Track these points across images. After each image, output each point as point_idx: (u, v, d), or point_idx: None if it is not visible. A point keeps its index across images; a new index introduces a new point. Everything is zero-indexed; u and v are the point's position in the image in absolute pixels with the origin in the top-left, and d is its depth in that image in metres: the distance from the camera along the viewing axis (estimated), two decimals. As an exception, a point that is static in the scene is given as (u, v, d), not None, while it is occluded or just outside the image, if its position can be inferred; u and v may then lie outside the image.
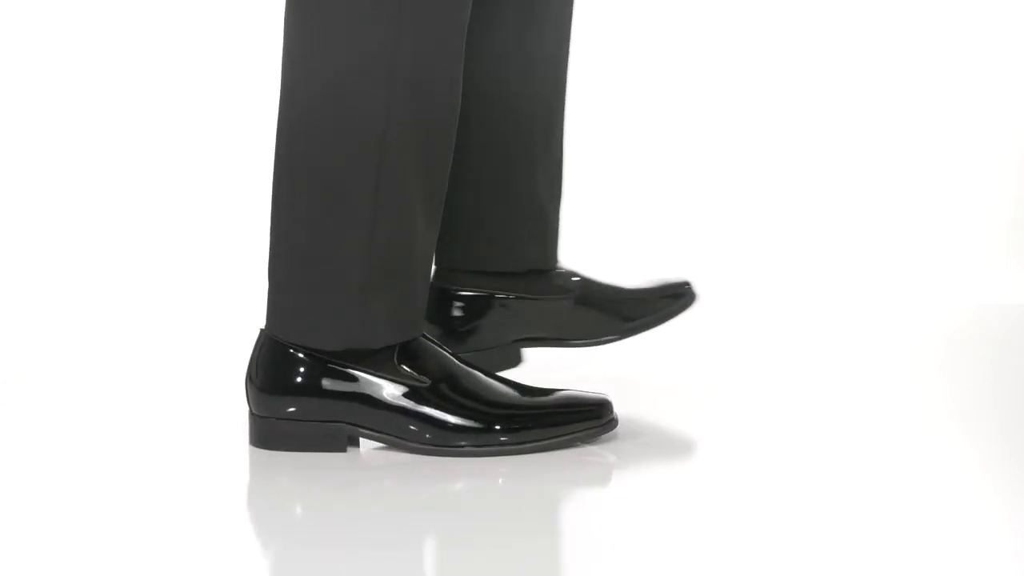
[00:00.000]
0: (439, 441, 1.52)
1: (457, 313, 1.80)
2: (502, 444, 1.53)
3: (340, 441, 1.54)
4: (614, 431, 1.58)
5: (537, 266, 1.81)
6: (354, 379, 1.53)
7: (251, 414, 1.56)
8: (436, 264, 1.80)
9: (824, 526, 1.35)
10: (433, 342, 1.56)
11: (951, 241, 2.78)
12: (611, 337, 1.83)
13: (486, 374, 1.57)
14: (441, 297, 1.80)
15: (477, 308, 1.80)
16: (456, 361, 1.56)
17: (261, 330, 1.56)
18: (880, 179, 2.83)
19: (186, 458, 1.57)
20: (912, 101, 2.85)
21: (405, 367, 1.53)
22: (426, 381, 1.53)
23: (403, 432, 1.53)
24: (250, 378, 1.55)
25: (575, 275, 1.84)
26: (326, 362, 1.53)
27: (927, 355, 2.20)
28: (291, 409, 1.53)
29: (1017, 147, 2.84)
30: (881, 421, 1.73)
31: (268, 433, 1.54)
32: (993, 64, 2.85)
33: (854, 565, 1.24)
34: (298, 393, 1.53)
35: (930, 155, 2.84)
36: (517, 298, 1.80)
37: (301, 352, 1.53)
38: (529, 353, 1.84)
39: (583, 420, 1.56)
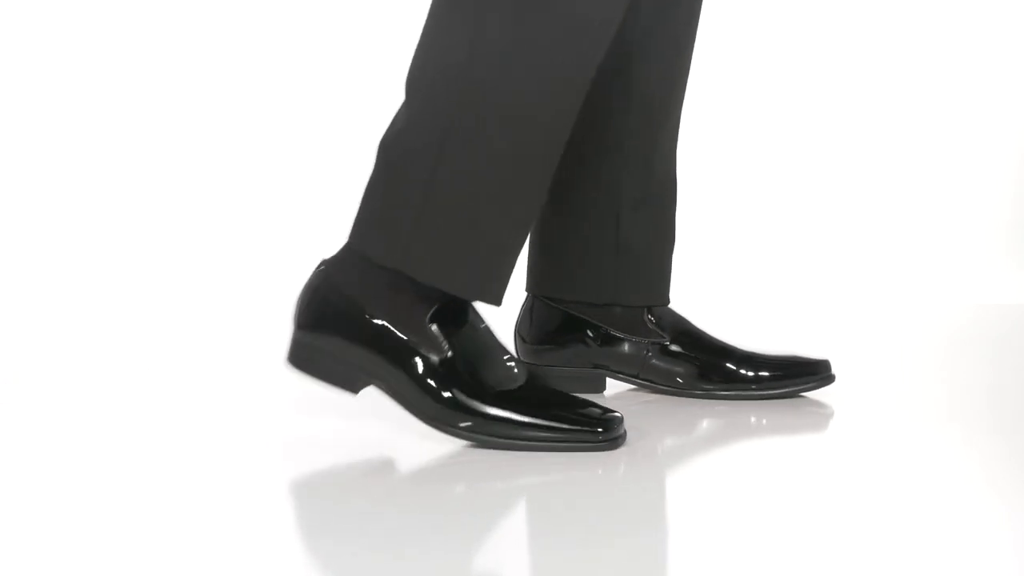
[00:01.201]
0: (438, 416, 1.54)
1: (546, 327, 1.81)
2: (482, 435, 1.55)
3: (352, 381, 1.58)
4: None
5: (618, 301, 1.79)
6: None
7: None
8: (536, 281, 1.82)
9: (824, 526, 1.35)
10: (484, 333, 1.58)
11: (951, 241, 2.78)
12: (697, 393, 1.79)
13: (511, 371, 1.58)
14: (535, 307, 1.82)
15: (565, 327, 1.80)
16: (489, 346, 1.57)
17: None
18: (880, 179, 2.84)
19: (184, 457, 1.57)
20: (912, 101, 2.85)
21: (434, 328, 1.55)
22: (446, 351, 1.54)
23: (408, 396, 1.55)
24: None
25: (676, 324, 1.80)
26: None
27: (927, 355, 2.20)
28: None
29: (1017, 147, 2.84)
30: (881, 421, 1.73)
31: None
32: (993, 64, 2.85)
33: (854, 565, 1.24)
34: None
35: (930, 155, 2.84)
36: (604, 329, 1.80)
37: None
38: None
39: (578, 436, 1.56)
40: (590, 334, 1.80)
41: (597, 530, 1.33)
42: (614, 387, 1.82)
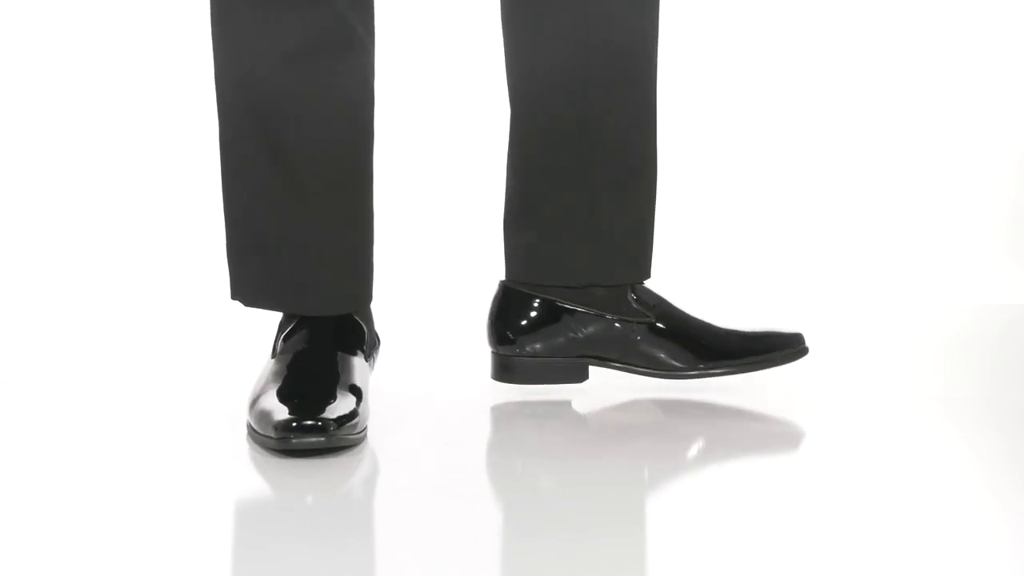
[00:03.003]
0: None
1: (522, 317, 1.78)
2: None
3: None
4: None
5: (596, 281, 1.77)
6: None
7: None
8: (512, 268, 1.80)
9: (823, 526, 1.35)
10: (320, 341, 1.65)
11: (951, 241, 2.78)
12: (681, 373, 1.77)
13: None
14: (509, 296, 1.79)
15: (542, 315, 1.78)
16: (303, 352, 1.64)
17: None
18: (880, 179, 2.84)
19: (181, 458, 1.57)
20: (912, 101, 2.85)
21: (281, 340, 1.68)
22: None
23: None
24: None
25: (658, 303, 1.79)
26: None
27: (927, 355, 2.20)
28: None
29: (1017, 147, 2.84)
30: (880, 420, 1.73)
31: None
32: (993, 64, 2.85)
33: (853, 565, 1.24)
34: None
35: (930, 155, 2.84)
36: (584, 313, 1.78)
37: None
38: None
39: None
40: (570, 319, 1.79)
41: (578, 532, 1.33)
42: (596, 377, 1.81)
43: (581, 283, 1.78)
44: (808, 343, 1.82)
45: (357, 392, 1.58)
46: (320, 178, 1.64)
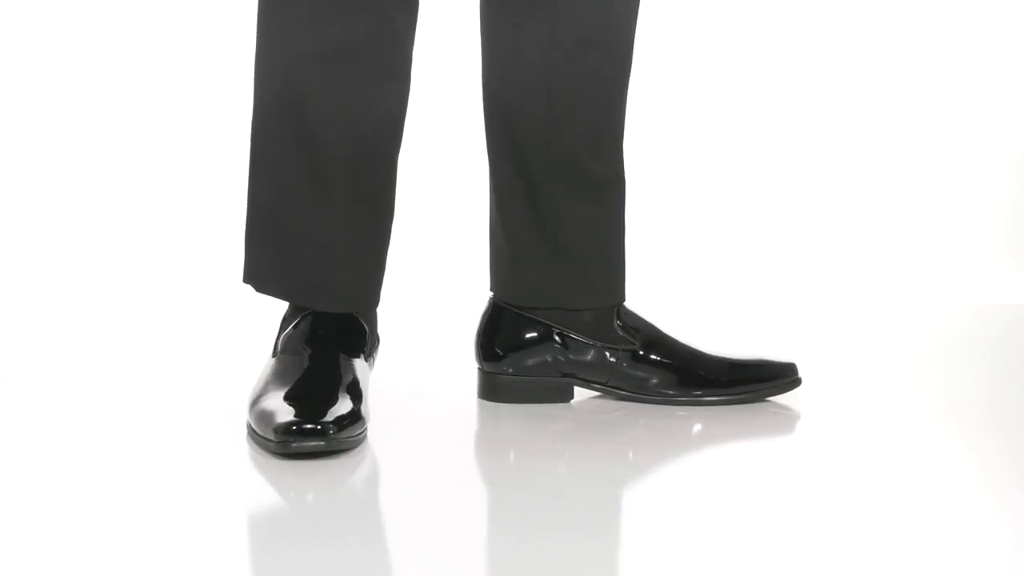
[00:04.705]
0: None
1: (508, 334, 1.77)
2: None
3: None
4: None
5: (561, 304, 1.75)
6: None
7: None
8: (502, 288, 1.79)
9: (823, 526, 1.35)
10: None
11: (951, 241, 2.78)
12: (668, 398, 1.75)
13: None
14: (497, 313, 1.78)
15: (528, 334, 1.77)
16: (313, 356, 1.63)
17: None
18: (880, 179, 2.84)
19: (180, 456, 1.57)
20: (912, 101, 2.85)
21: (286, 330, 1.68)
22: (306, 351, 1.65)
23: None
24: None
25: (644, 328, 1.77)
26: None
27: (927, 355, 2.20)
28: None
29: (1017, 147, 2.84)
30: (880, 421, 1.73)
31: None
32: (993, 64, 2.85)
33: (853, 565, 1.24)
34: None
35: (930, 155, 2.84)
36: (570, 336, 1.77)
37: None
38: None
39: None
40: (558, 341, 1.78)
41: (578, 531, 1.33)
42: (581, 395, 1.80)
43: (545, 304, 1.76)
44: (801, 373, 1.79)
45: (357, 395, 1.58)
46: (347, 177, 1.64)
